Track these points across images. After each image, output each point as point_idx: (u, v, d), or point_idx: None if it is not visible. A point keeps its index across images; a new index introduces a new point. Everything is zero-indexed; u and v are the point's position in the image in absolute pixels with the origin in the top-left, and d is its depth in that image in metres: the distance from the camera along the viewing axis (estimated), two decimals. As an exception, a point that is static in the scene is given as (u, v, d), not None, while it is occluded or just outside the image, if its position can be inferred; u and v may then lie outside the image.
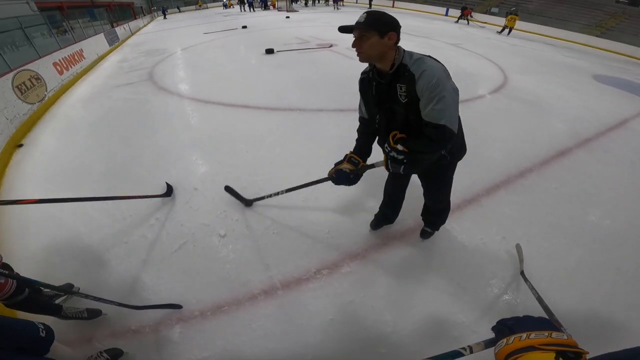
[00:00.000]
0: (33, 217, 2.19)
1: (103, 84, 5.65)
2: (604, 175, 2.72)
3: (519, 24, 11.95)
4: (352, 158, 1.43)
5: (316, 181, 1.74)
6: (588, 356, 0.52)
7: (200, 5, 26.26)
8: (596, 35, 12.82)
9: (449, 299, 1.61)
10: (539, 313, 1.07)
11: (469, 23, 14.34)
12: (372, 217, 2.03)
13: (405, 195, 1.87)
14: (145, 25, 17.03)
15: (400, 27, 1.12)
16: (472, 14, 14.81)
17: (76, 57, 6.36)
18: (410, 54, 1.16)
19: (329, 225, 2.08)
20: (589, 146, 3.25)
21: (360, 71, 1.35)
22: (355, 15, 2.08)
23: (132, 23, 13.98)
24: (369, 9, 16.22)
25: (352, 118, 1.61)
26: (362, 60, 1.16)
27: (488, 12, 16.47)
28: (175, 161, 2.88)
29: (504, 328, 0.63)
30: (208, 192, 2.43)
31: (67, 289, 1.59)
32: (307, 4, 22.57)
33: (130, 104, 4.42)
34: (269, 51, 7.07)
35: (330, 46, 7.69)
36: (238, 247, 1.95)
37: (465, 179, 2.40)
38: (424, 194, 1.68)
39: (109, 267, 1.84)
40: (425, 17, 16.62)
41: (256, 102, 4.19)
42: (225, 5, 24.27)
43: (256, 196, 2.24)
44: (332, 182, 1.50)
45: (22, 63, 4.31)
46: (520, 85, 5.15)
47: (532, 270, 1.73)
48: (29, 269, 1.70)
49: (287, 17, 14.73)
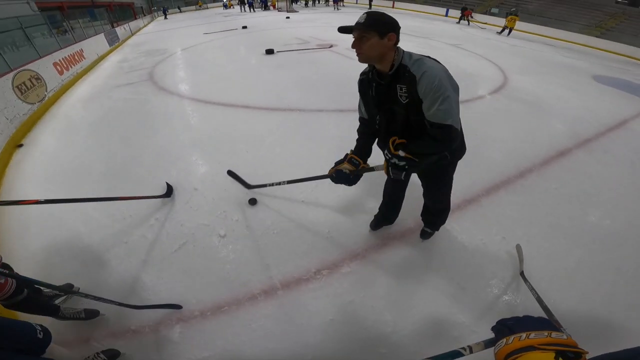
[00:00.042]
0: (33, 217, 2.20)
1: (103, 84, 5.65)
2: (604, 176, 2.72)
3: (518, 24, 11.95)
4: (352, 159, 1.43)
5: (317, 177, 1.75)
6: (588, 356, 0.52)
7: (200, 6, 26.29)
8: (596, 36, 12.82)
9: (449, 299, 1.61)
10: (538, 313, 1.07)
11: (469, 24, 14.34)
12: (372, 218, 2.03)
13: (405, 195, 1.87)
14: (145, 26, 17.04)
15: (399, 27, 1.12)
16: (472, 14, 14.81)
17: (76, 57, 6.36)
18: (410, 54, 1.16)
19: (329, 226, 2.08)
20: (589, 147, 3.25)
21: (360, 72, 1.36)
22: (355, 15, 2.08)
23: (133, 23, 13.99)
24: (369, 9, 16.29)
25: (352, 118, 1.61)
26: (362, 60, 1.16)
27: (488, 12, 16.47)
28: (175, 161, 2.88)
29: (504, 328, 0.63)
30: (208, 192, 2.43)
31: (67, 289, 1.59)
32: (307, 5, 22.60)
33: (130, 104, 4.42)
34: (269, 51, 7.08)
35: (331, 46, 7.70)
36: (238, 247, 1.95)
37: (465, 179, 2.40)
38: (424, 194, 1.68)
39: (108, 267, 1.84)
40: (425, 17, 16.62)
41: (256, 102, 4.19)
42: (225, 6, 24.30)
43: (256, 195, 2.30)
44: (332, 180, 1.51)
45: (22, 63, 4.31)
46: (520, 86, 5.15)
47: (532, 271, 1.73)
48: (29, 269, 1.70)
49: (287, 17, 14.75)
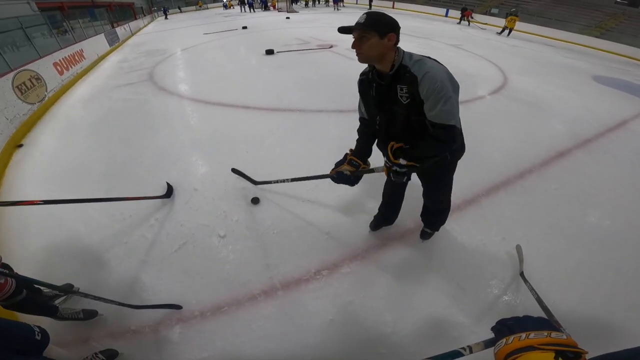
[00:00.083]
0: (33, 217, 2.20)
1: (103, 84, 5.65)
2: (604, 176, 2.72)
3: (518, 24, 11.95)
4: (352, 160, 1.43)
5: (321, 176, 1.77)
6: (587, 356, 0.52)
7: (200, 6, 26.30)
8: (596, 36, 12.83)
9: (449, 300, 1.61)
10: (538, 313, 1.07)
11: (469, 24, 14.34)
12: (372, 218, 2.03)
13: (404, 196, 1.87)
14: (145, 26, 17.05)
15: (399, 28, 1.12)
16: (473, 15, 14.81)
17: (76, 57, 6.36)
18: (410, 55, 1.16)
19: (329, 226, 2.08)
20: (589, 147, 3.25)
21: (360, 72, 1.36)
22: (355, 16, 2.08)
23: (133, 23, 14.00)
24: (369, 9, 16.31)
25: (352, 119, 1.61)
26: (362, 61, 1.16)
27: (488, 13, 16.48)
28: (175, 161, 2.88)
29: (504, 328, 0.63)
30: (208, 192, 2.43)
31: (67, 289, 1.59)
32: (307, 5, 22.60)
33: (130, 105, 4.42)
34: (269, 52, 7.08)
35: (331, 47, 7.70)
36: (238, 248, 1.95)
37: (465, 179, 2.40)
38: (424, 194, 1.68)
39: (108, 267, 1.84)
40: (426, 18, 16.62)
41: (256, 102, 4.20)
42: (225, 6, 24.32)
43: (258, 195, 2.33)
44: (333, 181, 1.52)
45: (23, 63, 4.31)
46: (520, 86, 5.15)
47: (531, 271, 1.73)
48: (29, 269, 1.70)
49: (287, 17, 14.76)
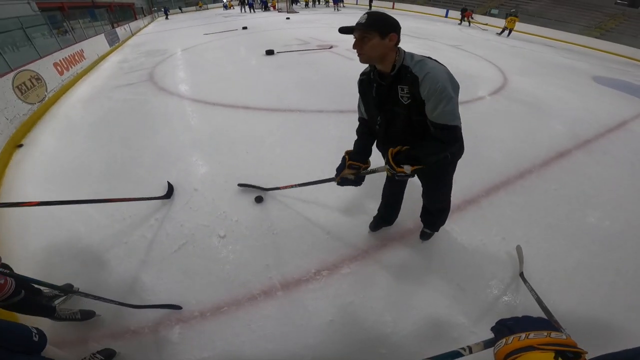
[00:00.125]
0: (33, 217, 2.20)
1: (103, 84, 5.65)
2: (603, 177, 2.72)
3: (518, 25, 11.96)
4: (352, 165, 1.43)
5: (326, 180, 1.77)
6: (587, 356, 0.52)
7: (200, 6, 26.33)
8: (595, 37, 12.84)
9: (449, 300, 1.61)
10: (538, 314, 1.07)
11: (470, 25, 14.34)
12: (372, 219, 2.03)
13: (404, 196, 1.87)
14: (145, 26, 17.06)
15: (400, 28, 1.12)
16: (473, 15, 14.82)
17: (76, 58, 6.37)
18: (411, 55, 1.16)
19: (329, 226, 2.08)
20: (589, 148, 3.25)
21: (360, 72, 1.36)
22: (356, 16, 2.09)
23: (133, 24, 14.01)
24: (369, 10, 16.31)
25: (352, 119, 1.61)
26: (363, 61, 1.16)
27: (488, 13, 16.49)
28: (175, 162, 2.88)
29: (503, 328, 0.63)
30: (208, 192, 2.43)
31: (67, 289, 1.59)
32: (308, 5, 22.62)
33: (130, 105, 4.42)
34: (269, 52, 7.08)
35: (331, 47, 7.70)
36: (238, 248, 1.95)
37: (465, 179, 2.40)
38: (423, 194, 1.68)
39: (108, 267, 1.84)
40: (426, 18, 16.64)
41: (256, 103, 4.20)
42: (225, 7, 24.35)
43: (260, 194, 2.37)
44: (338, 185, 1.52)
45: (23, 63, 4.32)
46: (520, 87, 5.15)
47: (531, 272, 1.73)
48: (29, 269, 1.70)
49: (288, 18, 14.77)
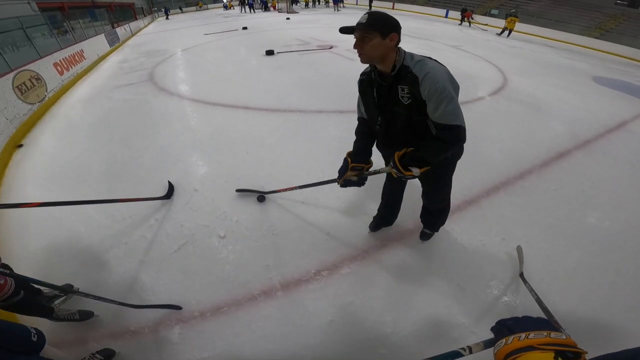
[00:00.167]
0: (33, 217, 2.20)
1: (103, 84, 5.65)
2: (603, 177, 2.72)
3: (518, 25, 11.96)
4: (354, 167, 1.42)
5: (327, 181, 1.76)
6: (587, 356, 0.52)
7: (200, 7, 26.34)
8: (595, 37, 12.84)
9: (449, 300, 1.61)
10: (538, 314, 1.07)
11: (470, 25, 14.34)
12: (371, 219, 2.03)
13: (403, 196, 1.87)
14: (145, 26, 17.06)
15: (400, 28, 1.12)
16: (473, 15, 14.82)
17: (77, 58, 6.37)
18: (412, 55, 1.16)
19: (329, 227, 2.08)
20: (588, 148, 3.25)
21: (360, 72, 1.36)
22: (356, 16, 2.09)
23: (133, 24, 14.02)
24: (369, 10, 16.31)
25: (352, 119, 1.61)
26: (364, 61, 1.16)
27: (488, 14, 16.50)
28: (175, 162, 2.88)
29: (503, 328, 0.63)
30: (208, 193, 2.43)
31: (67, 289, 1.59)
32: (308, 6, 22.63)
33: (130, 105, 4.42)
34: (269, 52, 7.09)
35: (331, 47, 7.71)
36: (237, 248, 1.95)
37: (464, 179, 2.40)
38: (423, 195, 1.68)
39: (108, 267, 1.84)
40: (426, 18, 16.65)
41: (256, 103, 4.20)
42: (225, 7, 24.35)
43: (255, 196, 2.34)
44: (341, 186, 1.51)
45: (23, 63, 4.32)
46: (519, 87, 5.16)
47: (531, 272, 1.73)
48: (29, 269, 1.70)
49: (288, 18, 14.78)
